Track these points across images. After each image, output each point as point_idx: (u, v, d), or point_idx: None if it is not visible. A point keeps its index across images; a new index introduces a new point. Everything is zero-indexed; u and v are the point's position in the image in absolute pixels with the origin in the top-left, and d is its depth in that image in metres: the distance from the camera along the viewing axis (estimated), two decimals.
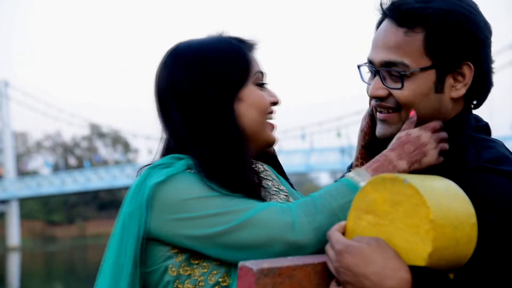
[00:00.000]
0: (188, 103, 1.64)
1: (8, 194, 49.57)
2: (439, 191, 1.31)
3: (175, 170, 1.57)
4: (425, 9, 1.60)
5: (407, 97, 1.62)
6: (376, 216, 1.32)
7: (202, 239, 1.53)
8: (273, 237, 1.48)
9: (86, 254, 43.14)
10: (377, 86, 1.64)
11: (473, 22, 1.62)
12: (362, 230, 1.34)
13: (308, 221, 1.49)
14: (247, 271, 1.25)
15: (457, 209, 1.30)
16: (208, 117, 1.63)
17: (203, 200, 1.54)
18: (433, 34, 1.60)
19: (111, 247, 1.60)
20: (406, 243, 1.27)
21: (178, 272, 1.57)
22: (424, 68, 1.61)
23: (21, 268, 32.80)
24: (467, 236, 1.30)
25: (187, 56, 1.66)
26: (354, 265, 1.31)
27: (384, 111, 1.66)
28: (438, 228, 1.24)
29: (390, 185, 1.30)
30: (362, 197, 1.35)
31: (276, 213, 1.51)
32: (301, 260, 1.34)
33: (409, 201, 1.27)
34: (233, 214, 1.52)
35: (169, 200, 1.55)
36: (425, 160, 1.57)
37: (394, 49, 1.62)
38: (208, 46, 1.67)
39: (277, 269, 1.28)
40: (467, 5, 1.63)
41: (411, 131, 1.58)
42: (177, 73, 1.65)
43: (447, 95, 1.63)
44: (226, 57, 1.65)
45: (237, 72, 1.65)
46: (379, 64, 1.64)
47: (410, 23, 1.61)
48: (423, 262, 1.25)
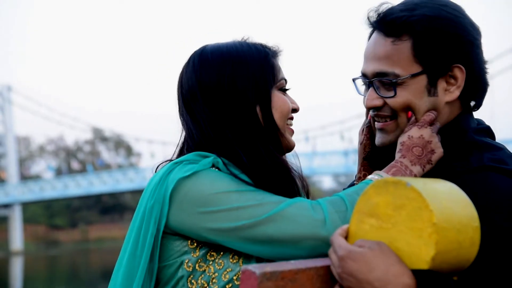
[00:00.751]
0: (218, 100, 1.65)
1: (11, 198, 49.62)
2: (442, 194, 1.30)
3: (201, 167, 1.58)
4: (410, 17, 1.63)
5: (401, 104, 1.65)
6: (379, 220, 1.32)
7: (229, 232, 1.54)
8: (304, 233, 1.49)
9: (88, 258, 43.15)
10: (371, 96, 1.68)
11: (459, 25, 1.64)
12: (365, 233, 1.33)
13: (339, 217, 1.50)
14: (249, 275, 1.25)
15: (460, 212, 1.30)
16: (237, 115, 1.65)
17: (231, 194, 1.55)
18: (420, 41, 1.63)
19: (127, 240, 1.60)
20: (409, 247, 1.27)
21: (193, 268, 1.58)
22: (415, 74, 1.64)
23: (24, 272, 32.81)
24: (470, 239, 1.30)
25: (217, 57, 1.69)
26: (356, 271, 1.30)
27: (382, 120, 1.70)
28: (441, 232, 1.24)
29: (392, 188, 1.30)
30: (365, 200, 1.35)
31: (306, 209, 1.52)
32: (304, 263, 1.34)
33: (411, 204, 1.27)
34: (261, 207, 1.53)
35: (194, 194, 1.56)
36: (435, 157, 1.60)
37: (384, 60, 1.65)
38: (238, 49, 1.70)
39: (280, 273, 1.28)
40: (452, 9, 1.66)
41: (411, 132, 1.61)
42: (206, 73, 1.67)
43: (441, 99, 1.66)
44: (256, 61, 1.68)
45: (266, 76, 1.68)
46: (371, 75, 1.68)
47: (396, 32, 1.64)
48: (426, 266, 1.25)
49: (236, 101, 1.65)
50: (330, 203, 1.53)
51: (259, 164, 1.62)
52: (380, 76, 1.66)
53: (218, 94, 1.66)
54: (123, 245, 1.61)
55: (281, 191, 1.61)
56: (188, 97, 1.69)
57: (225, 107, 1.65)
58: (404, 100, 1.65)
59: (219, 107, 1.66)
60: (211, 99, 1.66)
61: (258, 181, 1.60)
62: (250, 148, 1.63)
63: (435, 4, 1.66)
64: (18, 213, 50.48)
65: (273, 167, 1.63)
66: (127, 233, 1.63)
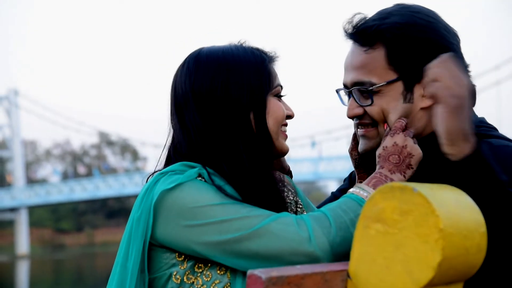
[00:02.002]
0: (211, 107, 1.63)
1: (17, 202, 49.72)
2: (449, 200, 1.30)
3: (185, 178, 1.56)
4: (381, 25, 1.67)
5: (378, 111, 1.68)
6: (385, 225, 1.31)
7: (214, 245, 1.53)
8: (289, 248, 1.48)
9: (94, 262, 43.16)
10: (352, 106, 1.73)
11: (433, 30, 1.66)
12: (371, 238, 1.33)
13: (323, 233, 1.49)
14: (255, 280, 1.25)
15: (466, 218, 1.30)
16: (230, 123, 1.63)
17: (215, 207, 1.53)
18: (393, 48, 1.66)
19: (120, 251, 1.61)
20: (415, 252, 1.27)
21: (181, 280, 1.58)
22: (390, 82, 1.67)
23: (30, 276, 32.84)
24: (476, 245, 1.30)
25: (212, 62, 1.66)
26: None
27: (364, 127, 1.73)
28: (447, 237, 1.24)
29: (399, 193, 1.30)
30: (371, 205, 1.35)
31: (290, 224, 1.50)
32: (310, 268, 1.34)
33: (418, 210, 1.27)
34: (246, 221, 1.51)
35: (178, 207, 1.55)
36: (414, 160, 1.61)
37: (360, 69, 1.69)
38: (234, 54, 1.67)
39: (286, 278, 1.28)
40: (425, 15, 1.69)
41: (385, 143, 1.63)
42: (201, 78, 1.65)
43: (417, 105, 1.68)
44: (252, 67, 1.66)
45: (261, 83, 1.66)
46: (350, 85, 1.72)
47: (369, 42, 1.68)
48: (432, 271, 1.25)
49: (229, 107, 1.63)
50: (314, 219, 1.51)
51: (242, 176, 1.60)
52: (358, 85, 1.69)
53: (211, 100, 1.63)
54: (117, 254, 1.62)
55: (266, 203, 1.59)
56: (181, 101, 1.67)
57: (217, 113, 1.63)
58: (380, 108, 1.68)
59: (210, 114, 1.63)
60: (204, 105, 1.64)
61: (242, 193, 1.59)
62: (235, 159, 1.61)
63: (407, 11, 1.69)
64: (24, 216, 50.58)
65: (256, 179, 1.61)
66: (120, 241, 1.62)
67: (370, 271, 1.31)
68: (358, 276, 1.33)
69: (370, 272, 1.31)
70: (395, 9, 1.71)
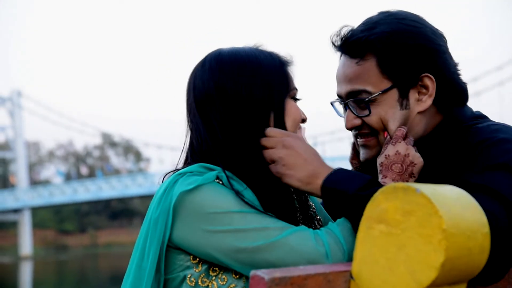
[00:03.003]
0: (235, 106, 1.63)
1: (20, 203, 49.80)
2: (452, 200, 1.30)
3: (204, 181, 1.56)
4: (369, 36, 1.68)
5: (376, 121, 1.70)
6: (388, 225, 1.31)
7: (231, 253, 1.52)
8: (305, 263, 1.47)
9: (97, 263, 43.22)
10: (349, 118, 1.74)
11: (420, 35, 1.69)
12: (374, 239, 1.33)
13: (338, 249, 1.49)
14: (258, 280, 1.25)
15: (469, 219, 1.30)
16: (252, 122, 1.64)
17: (234, 214, 1.53)
18: (384, 57, 1.67)
19: (136, 251, 1.60)
20: (418, 253, 1.27)
21: (196, 283, 1.57)
22: (385, 90, 1.68)
23: (33, 277, 32.89)
24: (479, 246, 1.29)
25: (235, 62, 1.66)
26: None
27: (363, 137, 1.75)
28: (450, 238, 1.24)
29: (402, 194, 1.30)
30: (374, 206, 1.35)
31: (308, 239, 1.50)
32: (313, 269, 1.34)
33: (421, 210, 1.27)
34: (264, 232, 1.51)
35: (198, 210, 1.54)
36: (416, 169, 1.63)
37: (354, 79, 1.70)
38: (256, 56, 1.68)
39: (289, 278, 1.28)
40: (411, 21, 1.71)
41: (387, 151, 1.64)
42: (225, 78, 1.65)
43: (413, 110, 1.70)
44: (273, 70, 1.67)
45: (281, 85, 1.67)
46: (345, 96, 1.73)
47: (360, 53, 1.70)
48: (435, 272, 1.25)
49: (252, 107, 1.63)
50: (329, 235, 1.52)
51: (262, 177, 1.61)
52: (353, 95, 1.71)
53: (235, 100, 1.63)
54: (132, 254, 1.61)
55: (284, 211, 1.61)
56: (203, 99, 1.66)
57: (241, 112, 1.63)
58: (378, 117, 1.69)
59: (234, 112, 1.63)
60: (228, 103, 1.64)
61: (262, 198, 1.59)
62: (255, 158, 1.62)
63: (393, 19, 1.71)
64: (28, 218, 50.66)
65: (274, 186, 1.62)
66: (136, 240, 1.62)
67: (373, 272, 1.31)
68: (361, 276, 1.33)
69: (373, 273, 1.31)
70: (380, 17, 1.72)
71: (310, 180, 1.56)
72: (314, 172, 1.56)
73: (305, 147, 1.60)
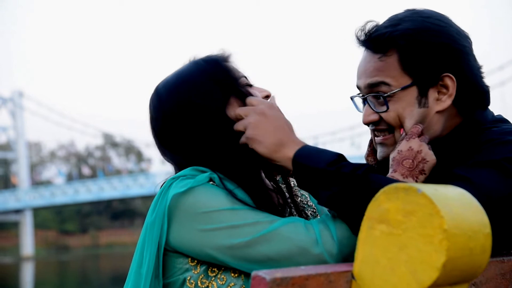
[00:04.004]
0: (189, 127, 1.67)
1: (22, 204, 49.84)
2: (453, 201, 1.30)
3: (196, 183, 1.58)
4: (393, 32, 1.68)
5: (394, 117, 1.69)
6: (389, 226, 1.31)
7: (226, 249, 1.54)
8: (297, 250, 1.50)
9: (99, 263, 43.23)
10: (367, 112, 1.74)
11: (445, 34, 1.68)
12: (375, 239, 1.33)
13: (330, 236, 1.51)
14: (260, 281, 1.25)
15: (471, 219, 1.30)
16: (216, 127, 1.66)
17: (227, 211, 1.55)
18: (406, 54, 1.67)
19: (135, 256, 1.62)
20: (419, 253, 1.27)
21: (196, 284, 1.59)
22: (405, 87, 1.68)
23: (34, 278, 32.91)
24: (481, 246, 1.29)
25: (170, 94, 1.70)
26: None
27: (381, 135, 1.74)
28: (451, 238, 1.24)
29: (403, 194, 1.30)
30: (375, 206, 1.35)
31: (299, 227, 1.52)
32: (314, 269, 1.34)
33: (422, 210, 1.27)
34: (256, 226, 1.53)
35: (191, 211, 1.56)
36: (427, 166, 1.61)
37: (375, 72, 1.70)
38: (185, 72, 1.72)
39: (290, 279, 1.28)
40: (436, 20, 1.70)
41: (400, 147, 1.63)
42: (169, 108, 1.69)
43: (431, 109, 1.69)
44: (207, 74, 1.69)
45: (225, 81, 1.69)
46: (364, 90, 1.73)
47: (382, 49, 1.69)
48: (436, 272, 1.25)
49: (205, 117, 1.66)
50: (321, 222, 1.54)
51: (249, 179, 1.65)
52: (372, 87, 1.71)
53: (186, 121, 1.67)
54: (133, 259, 1.63)
55: (274, 208, 1.64)
56: (162, 137, 1.72)
57: (198, 127, 1.67)
58: (396, 113, 1.69)
59: (192, 131, 1.67)
60: (183, 127, 1.68)
61: (252, 196, 1.63)
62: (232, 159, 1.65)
63: (418, 17, 1.70)
64: (29, 218, 50.71)
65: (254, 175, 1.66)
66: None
67: (374, 272, 1.31)
68: (363, 277, 1.33)
69: (374, 273, 1.31)
70: (406, 15, 1.72)
71: (278, 148, 1.58)
72: (282, 141, 1.58)
73: (277, 115, 1.63)
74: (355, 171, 1.50)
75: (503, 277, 1.61)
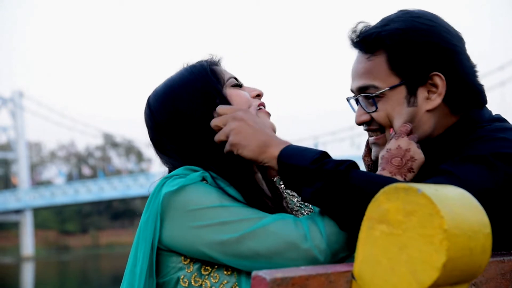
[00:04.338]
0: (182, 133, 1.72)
1: (22, 204, 49.84)
2: (453, 201, 1.30)
3: (188, 181, 1.60)
4: (380, 32, 1.70)
5: (383, 117, 1.71)
6: (389, 226, 1.31)
7: (217, 246, 1.56)
8: (286, 245, 1.51)
9: (99, 263, 43.23)
10: (359, 113, 1.76)
11: (433, 34, 1.68)
12: (375, 239, 1.33)
13: (319, 231, 1.52)
14: (260, 281, 1.25)
15: (471, 219, 1.30)
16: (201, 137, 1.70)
17: (218, 209, 1.57)
18: (394, 54, 1.68)
19: (130, 256, 1.64)
20: (419, 253, 1.27)
21: (189, 283, 1.60)
22: (394, 87, 1.69)
23: (35, 278, 32.92)
24: (481, 246, 1.29)
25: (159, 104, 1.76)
26: None
27: (373, 135, 1.77)
28: (452, 238, 1.24)
29: (403, 194, 1.30)
30: (375, 206, 1.35)
31: (289, 223, 1.53)
32: (315, 270, 1.34)
33: (422, 210, 1.27)
34: (247, 222, 1.55)
35: (183, 209, 1.58)
36: (416, 164, 1.62)
37: (364, 75, 1.72)
38: (172, 84, 1.77)
39: (291, 279, 1.28)
40: (426, 19, 1.71)
41: (389, 145, 1.65)
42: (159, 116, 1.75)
43: (421, 108, 1.70)
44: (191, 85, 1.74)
45: (211, 83, 1.74)
46: (356, 92, 1.76)
47: (371, 49, 1.71)
48: (437, 272, 1.25)
49: (192, 125, 1.71)
50: (311, 218, 1.55)
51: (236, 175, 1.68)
52: (362, 90, 1.73)
53: (175, 129, 1.72)
54: (128, 259, 1.65)
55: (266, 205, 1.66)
56: (155, 143, 1.78)
57: (187, 135, 1.71)
58: (385, 113, 1.70)
59: (183, 138, 1.71)
60: (173, 135, 1.73)
61: (244, 194, 1.65)
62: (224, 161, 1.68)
63: (408, 17, 1.71)
64: (29, 218, 50.70)
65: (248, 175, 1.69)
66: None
67: (374, 272, 1.31)
68: (363, 277, 1.33)
69: (374, 273, 1.31)
70: (397, 15, 1.73)
71: (263, 149, 1.59)
72: (266, 143, 1.60)
73: (254, 118, 1.65)
74: (337, 167, 1.51)
75: (503, 277, 1.61)
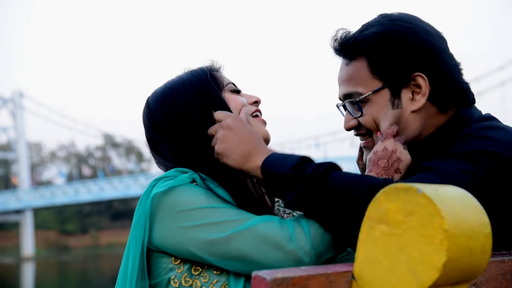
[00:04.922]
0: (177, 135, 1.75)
1: (22, 204, 49.83)
2: (453, 201, 1.30)
3: (177, 182, 1.63)
4: (357, 38, 1.71)
5: (370, 121, 1.73)
6: (390, 226, 1.31)
7: (205, 246, 1.58)
8: (272, 247, 1.53)
9: (99, 263, 43.23)
10: (347, 119, 1.78)
11: (412, 35, 1.69)
12: (376, 239, 1.33)
13: (304, 233, 1.53)
14: (260, 281, 1.25)
15: (471, 219, 1.30)
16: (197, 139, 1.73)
17: (206, 209, 1.60)
18: (373, 58, 1.69)
19: (123, 257, 1.66)
20: (419, 253, 1.27)
21: (180, 283, 1.63)
22: (376, 90, 1.70)
23: (35, 278, 32.93)
24: (481, 246, 1.29)
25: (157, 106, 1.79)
26: None
27: (363, 139, 1.79)
28: (452, 238, 1.24)
29: (403, 194, 1.30)
30: (376, 206, 1.35)
31: (274, 225, 1.55)
32: (315, 270, 1.34)
33: (422, 210, 1.27)
34: (234, 223, 1.57)
35: (172, 210, 1.61)
36: (402, 165, 1.63)
37: (348, 82, 1.74)
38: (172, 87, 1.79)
39: (291, 279, 1.28)
40: (403, 21, 1.72)
41: (376, 148, 1.66)
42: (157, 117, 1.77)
43: (405, 109, 1.70)
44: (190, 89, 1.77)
45: (210, 88, 1.77)
46: (342, 99, 1.78)
47: (351, 55, 1.73)
48: (437, 272, 1.25)
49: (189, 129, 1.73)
50: (296, 220, 1.57)
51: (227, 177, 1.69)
52: (348, 97, 1.75)
53: (171, 132, 1.75)
54: (122, 260, 1.67)
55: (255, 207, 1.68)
56: (151, 142, 1.81)
57: (183, 138, 1.74)
58: (370, 117, 1.72)
59: (179, 139, 1.74)
60: (169, 137, 1.75)
61: (233, 194, 1.68)
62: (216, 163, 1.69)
63: (385, 20, 1.73)
64: (30, 218, 50.69)
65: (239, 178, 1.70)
66: (125, 243, 1.70)
67: (374, 272, 1.31)
68: (363, 277, 1.33)
69: (374, 273, 1.31)
70: (376, 20, 1.75)
71: (246, 159, 1.61)
72: (250, 152, 1.61)
73: (242, 127, 1.66)
74: (315, 170, 1.52)
75: (503, 277, 1.61)
